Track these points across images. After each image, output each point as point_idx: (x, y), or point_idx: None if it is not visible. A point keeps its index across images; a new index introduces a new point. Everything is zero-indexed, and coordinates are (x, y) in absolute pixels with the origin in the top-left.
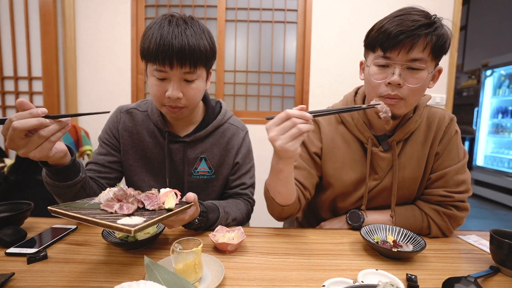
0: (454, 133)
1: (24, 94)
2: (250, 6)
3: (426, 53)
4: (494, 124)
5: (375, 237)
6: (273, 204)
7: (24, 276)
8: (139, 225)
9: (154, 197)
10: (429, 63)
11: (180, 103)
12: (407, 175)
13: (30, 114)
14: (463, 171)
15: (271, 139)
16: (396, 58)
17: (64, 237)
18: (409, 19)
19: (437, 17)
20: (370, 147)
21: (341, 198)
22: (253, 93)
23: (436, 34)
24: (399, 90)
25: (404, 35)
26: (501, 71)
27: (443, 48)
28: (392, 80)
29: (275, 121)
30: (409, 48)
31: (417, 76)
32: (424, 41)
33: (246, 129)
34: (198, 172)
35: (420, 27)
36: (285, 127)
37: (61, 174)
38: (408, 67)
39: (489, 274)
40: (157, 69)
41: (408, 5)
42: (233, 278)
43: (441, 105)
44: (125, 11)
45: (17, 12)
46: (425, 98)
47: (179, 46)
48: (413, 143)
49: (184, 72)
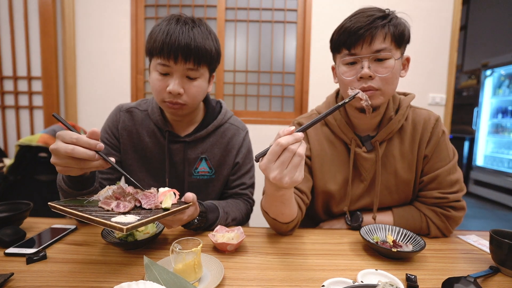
0: (442, 134)
1: (24, 94)
2: (250, 6)
3: (388, 42)
4: (494, 124)
5: (375, 237)
6: (276, 224)
7: (23, 276)
8: (131, 224)
9: (152, 196)
10: (393, 51)
11: (181, 99)
12: (399, 177)
13: (88, 145)
14: (454, 170)
15: (275, 179)
16: (361, 52)
17: (64, 237)
18: (364, 15)
19: (391, 11)
20: (353, 148)
21: (334, 200)
22: (253, 93)
23: (393, 24)
24: (371, 81)
25: (363, 29)
26: (501, 71)
27: (403, 36)
28: (363, 74)
29: (270, 158)
30: (370, 40)
31: (386, 65)
32: (383, 31)
33: (246, 129)
34: (198, 172)
35: (375, 20)
36: (285, 161)
37: (80, 182)
38: (375, 59)
39: (489, 274)
40: (160, 63)
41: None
42: (232, 278)
43: (441, 105)
44: (124, 11)
45: (17, 11)
46: (408, 98)
47: (185, 41)
48: (399, 144)
49: (187, 68)
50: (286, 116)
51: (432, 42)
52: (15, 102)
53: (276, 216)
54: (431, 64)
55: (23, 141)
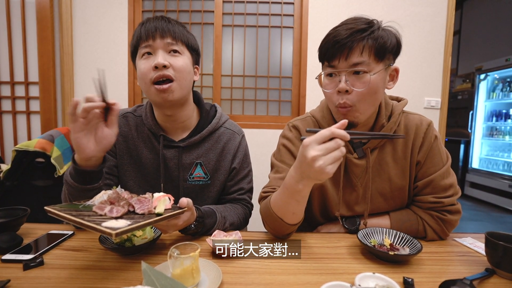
0: (434, 139)
1: (21, 99)
2: (247, 11)
3: (366, 56)
4: (488, 127)
5: (372, 240)
6: (281, 225)
7: (20, 282)
8: (121, 229)
9: (146, 201)
10: (372, 65)
11: (168, 72)
12: (393, 184)
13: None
14: (448, 174)
15: (312, 158)
16: (339, 66)
17: (61, 243)
18: (344, 28)
19: (377, 21)
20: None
21: (330, 203)
22: (250, 97)
23: (372, 37)
24: (347, 97)
25: (339, 44)
26: (494, 75)
27: (384, 48)
28: (339, 88)
29: (317, 137)
30: (347, 55)
31: (363, 80)
32: (360, 45)
33: (242, 133)
34: (193, 177)
35: (353, 33)
36: (329, 148)
37: (86, 177)
38: (353, 72)
39: (485, 276)
40: (142, 46)
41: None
42: (230, 283)
43: (437, 109)
44: (122, 16)
45: (14, 16)
46: (400, 104)
47: (160, 23)
48: (392, 151)
49: (167, 43)
50: (283, 120)
51: (427, 47)
52: (12, 107)
53: (284, 215)
54: (426, 68)
55: (20, 146)
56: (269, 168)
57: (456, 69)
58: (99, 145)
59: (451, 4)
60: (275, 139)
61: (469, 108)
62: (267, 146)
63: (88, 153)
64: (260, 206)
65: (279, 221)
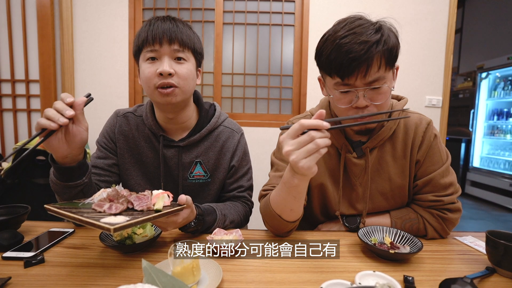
0: (433, 138)
1: (21, 97)
2: (248, 9)
3: (383, 70)
4: (489, 126)
5: (373, 238)
6: (280, 223)
7: (21, 280)
8: (119, 224)
9: (145, 198)
10: (387, 75)
11: (172, 80)
12: (393, 183)
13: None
14: (447, 173)
15: (286, 153)
16: (356, 84)
17: (61, 241)
18: (356, 41)
19: (382, 24)
20: (344, 153)
21: (329, 201)
22: (251, 95)
23: (387, 47)
24: (367, 109)
25: (356, 62)
26: (496, 74)
27: (395, 56)
28: (359, 104)
29: (290, 132)
30: (365, 72)
31: (381, 92)
32: (377, 60)
33: (242, 131)
34: (193, 176)
35: (370, 48)
36: (301, 142)
37: (65, 174)
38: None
39: (485, 275)
40: (148, 50)
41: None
42: (231, 281)
43: (438, 107)
44: (122, 14)
45: (15, 14)
46: (400, 103)
47: (168, 27)
48: (392, 150)
49: (174, 50)
50: (284, 119)
51: (428, 45)
52: (12, 105)
53: (282, 212)
54: (428, 66)
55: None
56: (270, 166)
57: (457, 68)
58: (71, 143)
59: (452, 2)
60: (276, 137)
61: (470, 106)
62: (267, 145)
63: (62, 152)
64: (260, 204)
65: (278, 219)
